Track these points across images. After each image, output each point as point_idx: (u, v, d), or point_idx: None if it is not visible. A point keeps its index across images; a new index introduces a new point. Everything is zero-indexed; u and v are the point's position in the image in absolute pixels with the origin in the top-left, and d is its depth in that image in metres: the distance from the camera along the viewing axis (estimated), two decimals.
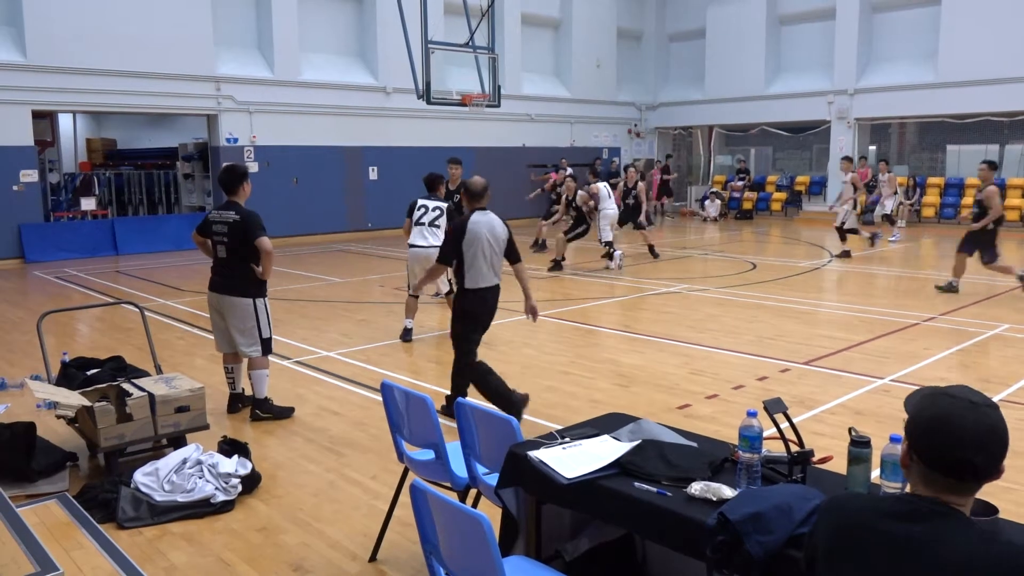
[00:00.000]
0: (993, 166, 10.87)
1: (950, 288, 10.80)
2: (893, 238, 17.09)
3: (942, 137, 22.30)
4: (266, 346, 5.89)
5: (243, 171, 5.94)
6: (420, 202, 8.41)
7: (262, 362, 5.90)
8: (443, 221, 8.23)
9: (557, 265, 13.37)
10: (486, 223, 5.64)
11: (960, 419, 1.65)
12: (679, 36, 26.66)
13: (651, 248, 14.69)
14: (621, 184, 15.16)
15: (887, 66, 21.86)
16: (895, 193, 17.68)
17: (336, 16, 19.52)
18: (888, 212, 17.60)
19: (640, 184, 14.63)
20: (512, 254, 5.77)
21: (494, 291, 5.76)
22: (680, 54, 26.80)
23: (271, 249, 5.69)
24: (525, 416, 5.71)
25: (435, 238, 7.98)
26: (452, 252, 5.67)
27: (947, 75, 20.16)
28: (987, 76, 19.40)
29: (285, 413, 5.99)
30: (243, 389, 6.17)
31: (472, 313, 5.75)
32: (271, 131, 18.15)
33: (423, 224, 8.24)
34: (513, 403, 5.56)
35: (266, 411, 5.92)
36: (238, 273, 5.76)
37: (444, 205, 8.44)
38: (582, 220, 13.91)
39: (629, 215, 14.54)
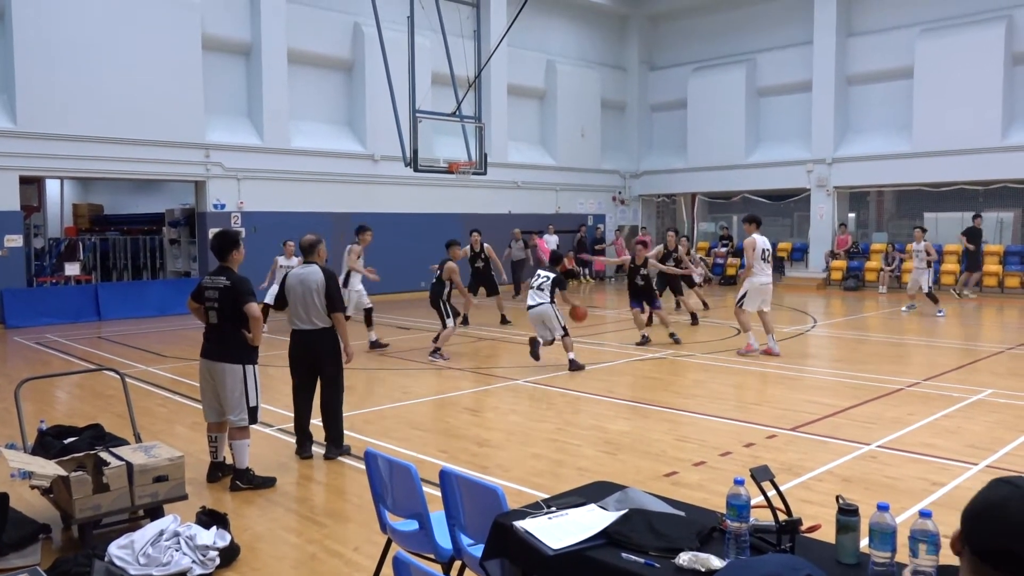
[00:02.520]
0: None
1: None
2: (940, 312, 15.38)
3: (920, 205, 22.77)
4: (252, 415, 5.84)
5: (234, 237, 6.00)
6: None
7: (246, 432, 5.83)
8: (548, 286, 10.27)
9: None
10: (302, 274, 6.48)
11: (1013, 508, 1.55)
12: (661, 106, 27.34)
13: (692, 315, 14.80)
14: (661, 249, 14.72)
15: (863, 136, 22.45)
16: (929, 266, 15.85)
17: (325, 85, 19.91)
18: (929, 288, 15.79)
19: (680, 249, 14.83)
20: (330, 304, 6.43)
21: (305, 335, 6.49)
22: (662, 124, 27.44)
23: (259, 315, 5.73)
24: (511, 485, 5.64)
25: (540, 297, 10.29)
26: (279, 298, 6.67)
27: (921, 145, 20.71)
28: (960, 147, 19.96)
29: (267, 483, 5.85)
30: (224, 458, 6.06)
31: (290, 349, 6.63)
32: (259, 197, 18.29)
33: (533, 287, 10.48)
34: (338, 440, 6.60)
35: (246, 482, 5.79)
36: (229, 338, 5.75)
37: (552, 275, 10.34)
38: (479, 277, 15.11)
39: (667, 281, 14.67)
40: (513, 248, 18.72)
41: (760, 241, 11.13)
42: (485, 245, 14.34)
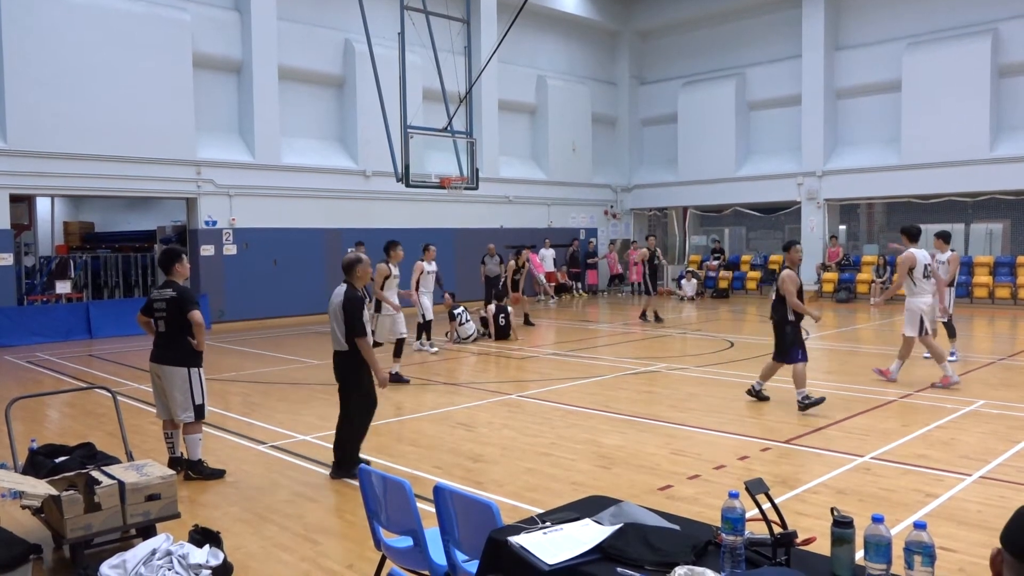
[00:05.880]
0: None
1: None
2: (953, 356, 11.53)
3: (909, 217, 22.86)
4: (199, 412, 6.38)
5: (177, 253, 6.57)
6: None
7: (195, 427, 6.40)
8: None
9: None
10: (334, 295, 6.42)
11: None
12: (652, 121, 27.49)
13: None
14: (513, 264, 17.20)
15: (853, 149, 22.61)
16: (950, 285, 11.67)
17: (316, 101, 19.94)
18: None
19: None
20: (347, 329, 6.26)
21: (334, 355, 6.43)
22: (653, 138, 27.59)
23: (202, 321, 6.30)
24: (505, 500, 5.62)
25: None
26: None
27: (910, 158, 20.87)
28: (948, 159, 20.13)
29: (216, 475, 6.40)
30: (181, 453, 6.59)
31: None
32: (251, 214, 18.27)
33: None
34: (342, 464, 6.40)
35: (198, 472, 6.38)
36: (176, 344, 6.32)
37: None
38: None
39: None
40: (488, 264, 18.72)
41: (920, 256, 9.47)
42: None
